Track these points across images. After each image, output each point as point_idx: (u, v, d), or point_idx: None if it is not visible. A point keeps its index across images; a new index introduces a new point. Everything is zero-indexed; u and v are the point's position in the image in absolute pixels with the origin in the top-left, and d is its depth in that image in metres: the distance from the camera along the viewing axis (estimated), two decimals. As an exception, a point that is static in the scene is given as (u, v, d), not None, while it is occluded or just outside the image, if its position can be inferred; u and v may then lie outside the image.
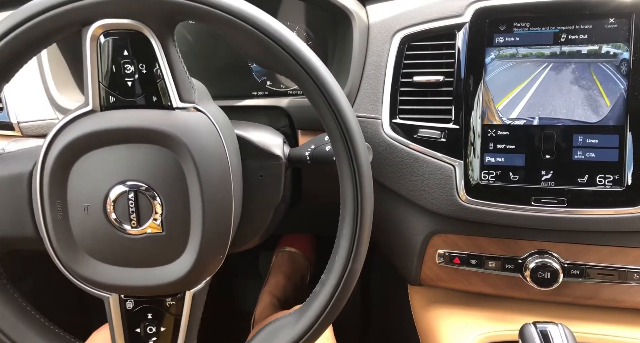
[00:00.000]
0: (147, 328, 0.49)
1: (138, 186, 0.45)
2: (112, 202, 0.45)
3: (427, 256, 0.76)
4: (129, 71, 0.45)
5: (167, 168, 0.45)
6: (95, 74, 0.45)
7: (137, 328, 0.49)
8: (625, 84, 0.64)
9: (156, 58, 0.45)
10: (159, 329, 0.49)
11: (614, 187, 0.64)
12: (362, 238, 0.48)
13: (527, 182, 0.67)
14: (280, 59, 0.45)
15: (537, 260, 0.69)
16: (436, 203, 0.70)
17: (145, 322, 0.49)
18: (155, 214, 0.45)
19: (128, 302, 0.48)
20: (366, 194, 0.47)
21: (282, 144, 0.61)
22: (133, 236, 0.46)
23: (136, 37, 0.44)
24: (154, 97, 0.46)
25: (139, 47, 0.45)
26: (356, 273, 0.48)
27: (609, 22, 0.64)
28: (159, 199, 0.45)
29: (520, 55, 0.67)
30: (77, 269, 0.47)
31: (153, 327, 0.49)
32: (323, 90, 0.45)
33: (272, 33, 0.44)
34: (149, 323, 0.49)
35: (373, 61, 0.74)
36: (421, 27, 0.70)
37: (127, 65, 0.45)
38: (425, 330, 0.78)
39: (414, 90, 0.71)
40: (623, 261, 0.68)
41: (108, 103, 0.46)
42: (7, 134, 0.75)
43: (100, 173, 0.45)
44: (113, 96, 0.45)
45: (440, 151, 0.69)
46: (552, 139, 0.66)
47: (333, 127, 0.46)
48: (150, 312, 0.49)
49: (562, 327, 0.57)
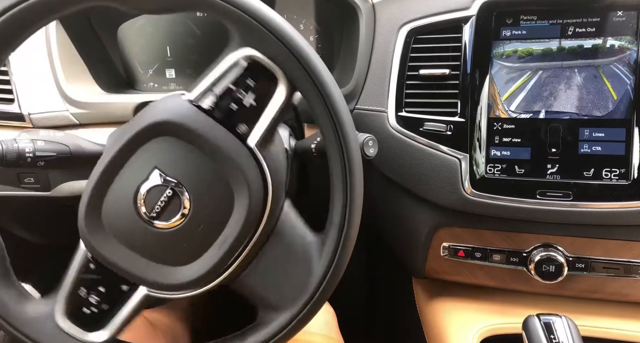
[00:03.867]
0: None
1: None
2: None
3: (431, 249, 0.77)
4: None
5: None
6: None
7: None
8: (632, 78, 0.63)
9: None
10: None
11: (620, 180, 0.64)
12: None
13: (533, 175, 0.67)
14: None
15: (542, 254, 0.69)
16: (441, 196, 0.71)
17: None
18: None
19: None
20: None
21: (288, 137, 0.61)
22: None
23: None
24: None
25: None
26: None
27: (616, 15, 0.63)
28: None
29: (527, 48, 0.66)
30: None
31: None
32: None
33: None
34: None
35: (379, 54, 0.74)
36: (427, 20, 0.70)
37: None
38: (430, 322, 0.79)
39: (420, 84, 0.71)
40: (628, 255, 0.68)
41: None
42: (18, 125, 0.76)
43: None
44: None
45: (445, 144, 0.69)
46: (558, 133, 0.66)
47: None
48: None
49: (566, 320, 0.58)
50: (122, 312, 0.50)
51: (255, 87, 0.46)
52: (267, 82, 0.46)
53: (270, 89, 0.46)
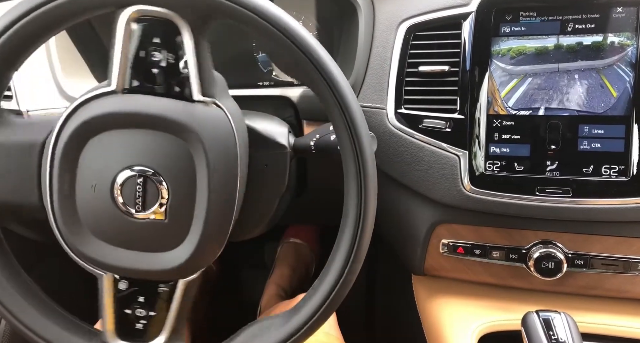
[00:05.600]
0: (136, 310, 0.49)
1: (147, 171, 0.45)
2: (119, 185, 0.45)
3: (431, 246, 0.77)
4: (156, 59, 0.45)
5: (178, 157, 0.46)
6: (124, 56, 0.45)
7: (127, 309, 0.49)
8: (632, 74, 0.63)
9: (185, 50, 0.45)
10: (149, 313, 0.49)
11: (619, 177, 0.64)
12: (360, 248, 0.48)
13: (532, 172, 0.67)
14: (285, 47, 0.45)
15: (541, 250, 0.69)
16: (440, 193, 0.70)
17: (136, 304, 0.49)
18: (162, 199, 0.46)
19: (121, 283, 0.49)
20: (370, 195, 0.49)
21: (287, 133, 0.61)
22: (136, 220, 0.46)
23: (169, 27, 0.45)
24: (177, 88, 0.46)
25: (171, 37, 0.45)
26: (350, 282, 0.48)
27: (616, 12, 0.63)
28: (165, 186, 0.46)
29: (526, 45, 0.66)
30: (77, 244, 0.47)
31: (143, 310, 0.49)
32: (328, 81, 0.46)
33: (281, 25, 0.45)
34: (139, 306, 0.49)
35: (379, 51, 0.74)
36: (427, 17, 0.70)
37: (155, 53, 0.45)
38: (429, 320, 0.79)
39: (419, 80, 0.71)
40: (627, 251, 0.68)
41: (130, 86, 0.46)
42: (16, 122, 0.76)
43: (112, 154, 0.46)
44: (137, 80, 0.46)
45: (445, 141, 0.69)
46: (558, 129, 0.66)
47: (338, 119, 0.47)
48: (142, 296, 0.49)
49: (565, 316, 0.58)
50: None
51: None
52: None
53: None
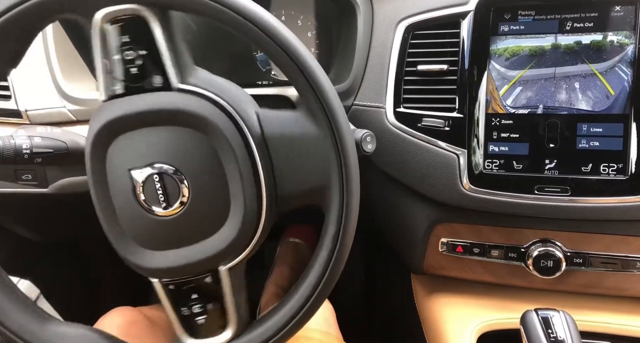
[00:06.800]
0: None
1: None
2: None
3: (430, 245, 0.77)
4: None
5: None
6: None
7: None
8: (630, 73, 0.63)
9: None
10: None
11: (617, 175, 0.64)
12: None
13: (531, 170, 0.67)
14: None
15: (540, 249, 0.69)
16: (439, 192, 0.71)
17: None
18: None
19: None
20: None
21: None
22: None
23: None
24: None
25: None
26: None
27: (614, 10, 0.63)
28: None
29: (524, 44, 0.66)
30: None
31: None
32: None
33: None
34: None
35: (377, 50, 0.74)
36: (425, 16, 0.70)
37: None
38: (428, 318, 0.79)
39: (418, 79, 0.71)
40: (626, 250, 0.68)
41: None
42: (15, 122, 0.76)
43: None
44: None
45: (444, 140, 0.69)
46: (556, 128, 0.66)
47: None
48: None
49: (564, 314, 0.58)
50: (227, 298, 0.50)
51: (132, 40, 0.44)
52: (139, 27, 0.44)
53: (147, 31, 0.44)
